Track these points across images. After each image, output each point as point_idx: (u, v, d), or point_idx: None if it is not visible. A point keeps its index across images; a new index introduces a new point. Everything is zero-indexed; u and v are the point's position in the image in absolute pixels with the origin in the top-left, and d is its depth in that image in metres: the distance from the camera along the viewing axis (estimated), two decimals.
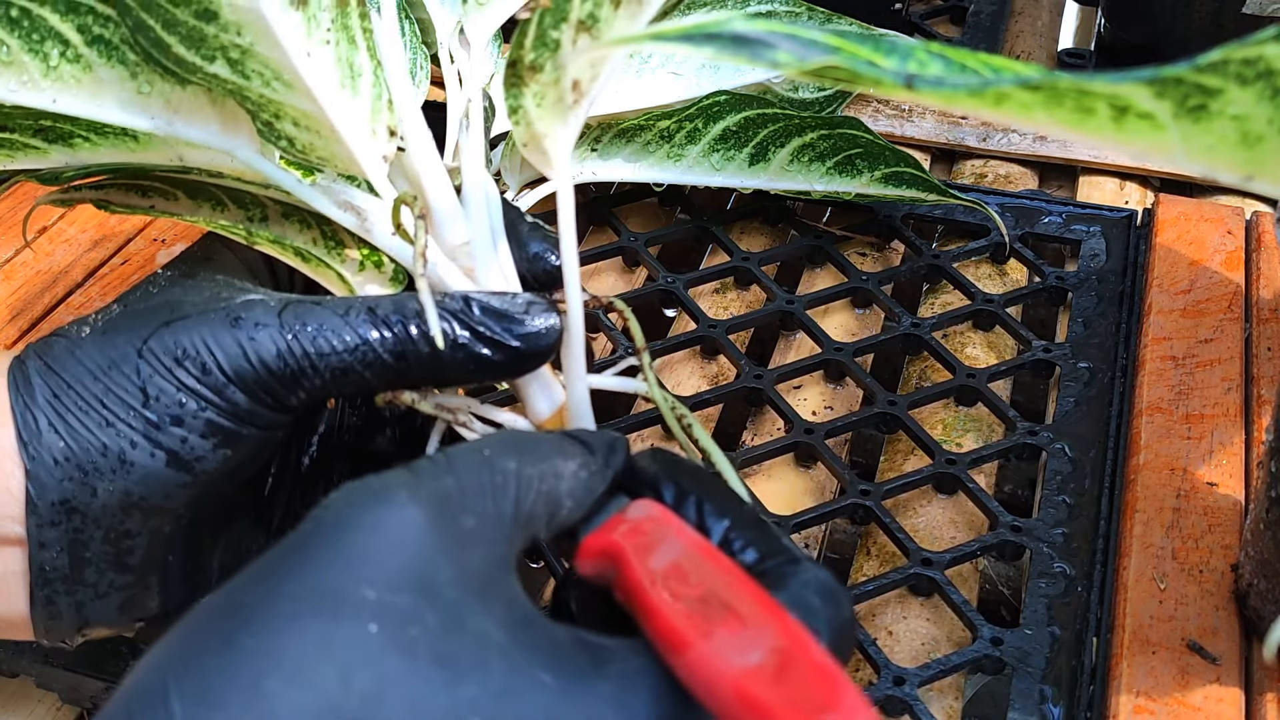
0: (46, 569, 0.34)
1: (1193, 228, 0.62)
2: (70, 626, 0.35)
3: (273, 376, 0.34)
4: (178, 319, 0.35)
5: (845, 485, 0.50)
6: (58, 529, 0.34)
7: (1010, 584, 0.51)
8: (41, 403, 0.34)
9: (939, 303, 0.62)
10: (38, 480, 0.33)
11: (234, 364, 0.34)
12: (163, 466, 0.34)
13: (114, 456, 0.34)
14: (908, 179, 0.61)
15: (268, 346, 0.34)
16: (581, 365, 0.37)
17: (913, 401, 0.54)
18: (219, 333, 0.34)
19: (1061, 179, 0.71)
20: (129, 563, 0.35)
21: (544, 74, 0.33)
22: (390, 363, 0.35)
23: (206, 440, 0.34)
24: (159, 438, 0.34)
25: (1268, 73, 0.22)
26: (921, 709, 0.42)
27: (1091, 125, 0.24)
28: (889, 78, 0.24)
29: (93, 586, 0.35)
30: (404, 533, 0.27)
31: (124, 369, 0.34)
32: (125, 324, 0.35)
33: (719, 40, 0.25)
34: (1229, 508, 0.48)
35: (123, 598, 0.36)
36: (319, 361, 0.34)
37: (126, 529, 0.34)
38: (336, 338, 0.34)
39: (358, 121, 0.37)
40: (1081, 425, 0.53)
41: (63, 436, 0.33)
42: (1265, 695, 0.42)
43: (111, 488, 0.34)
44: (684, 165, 0.61)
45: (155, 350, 0.34)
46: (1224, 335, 0.56)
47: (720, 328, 0.58)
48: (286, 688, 0.25)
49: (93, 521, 0.34)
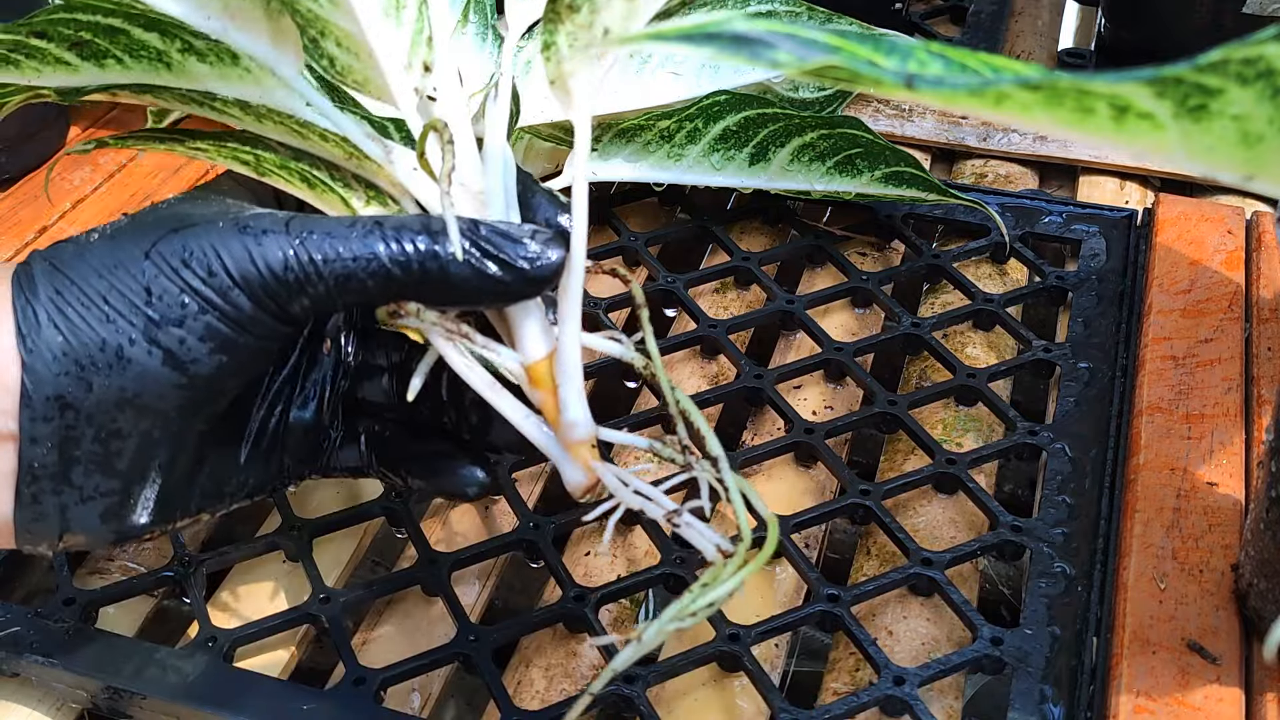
0: (35, 466, 0.35)
1: (1193, 228, 0.62)
2: (52, 531, 0.36)
3: (278, 281, 0.35)
4: (186, 226, 0.35)
5: (845, 485, 0.50)
6: (50, 424, 0.34)
7: (1010, 584, 0.51)
8: (44, 299, 0.34)
9: (939, 302, 0.62)
10: (34, 374, 0.34)
11: (240, 267, 0.34)
12: (159, 365, 0.34)
13: (111, 352, 0.34)
14: (908, 179, 0.61)
15: (274, 251, 0.35)
16: (577, 305, 0.36)
17: (913, 401, 0.54)
18: (227, 238, 0.35)
19: (1061, 179, 0.71)
20: (116, 466, 0.36)
21: (580, 16, 0.33)
22: (395, 274, 0.35)
23: (204, 344, 0.35)
24: (158, 336, 0.34)
25: (1268, 72, 0.22)
26: (921, 709, 0.42)
27: (1091, 125, 0.24)
28: (889, 78, 0.24)
29: (79, 489, 0.35)
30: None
31: (130, 269, 0.35)
32: (134, 230, 0.36)
33: (719, 40, 0.25)
34: (1229, 508, 0.48)
35: (106, 504, 0.36)
36: (324, 268, 0.35)
37: (118, 428, 0.35)
38: (344, 245, 0.35)
39: (396, 51, 0.39)
40: (1081, 425, 0.53)
41: (62, 331, 0.34)
42: (1265, 695, 0.42)
43: (107, 383, 0.34)
44: (684, 165, 0.61)
45: (163, 252, 0.35)
46: (1224, 335, 0.56)
47: (720, 327, 0.58)
48: None
49: (85, 418, 0.34)
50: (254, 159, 0.40)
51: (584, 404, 0.37)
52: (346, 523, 0.50)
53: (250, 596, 0.49)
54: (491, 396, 0.37)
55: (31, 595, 0.51)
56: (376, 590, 0.47)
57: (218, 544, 0.50)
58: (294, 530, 0.49)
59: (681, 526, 0.36)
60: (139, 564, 0.50)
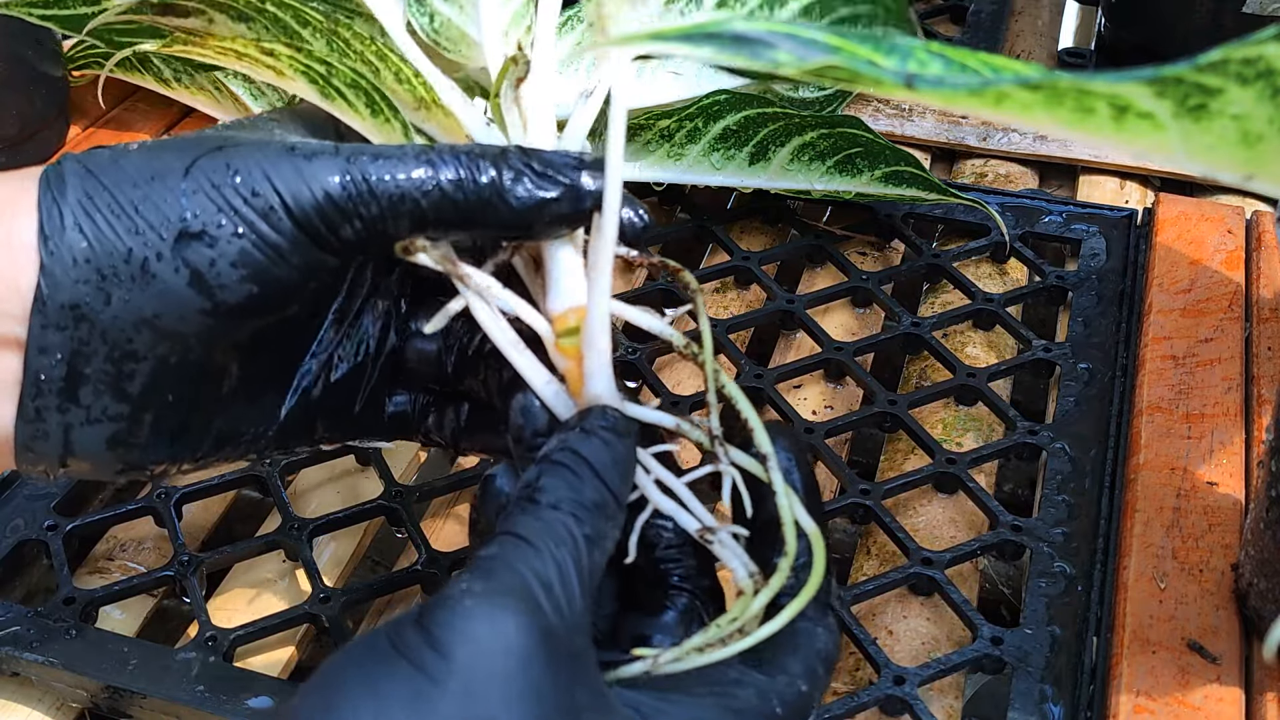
0: (42, 377, 0.33)
1: (1193, 227, 0.62)
2: (54, 452, 0.34)
3: (330, 201, 0.33)
4: (232, 145, 0.33)
5: (845, 484, 0.50)
6: (63, 334, 0.32)
7: (1010, 583, 0.51)
8: (72, 201, 0.32)
9: (939, 302, 0.62)
10: (52, 277, 0.32)
11: (290, 187, 0.33)
12: (184, 285, 0.33)
13: (136, 264, 0.32)
14: (908, 178, 0.61)
15: (326, 172, 0.33)
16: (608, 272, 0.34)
17: (913, 401, 0.54)
18: (275, 158, 0.33)
19: (1062, 178, 0.71)
20: (127, 389, 0.34)
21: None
22: (450, 193, 0.34)
23: (235, 270, 0.33)
24: (187, 254, 0.32)
25: (1268, 72, 0.22)
26: (921, 708, 0.42)
27: (1092, 125, 0.24)
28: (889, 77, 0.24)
29: (86, 409, 0.33)
30: (529, 654, 0.28)
31: (167, 181, 0.33)
32: (176, 145, 0.34)
33: (719, 40, 0.25)
34: (1229, 507, 0.48)
35: (113, 429, 0.34)
36: (378, 187, 0.33)
37: (133, 349, 0.33)
38: (398, 167, 0.33)
39: (499, 21, 0.40)
40: (1081, 425, 0.53)
41: (87, 236, 0.32)
42: (1265, 695, 0.42)
43: (127, 298, 0.32)
44: (684, 164, 0.60)
45: (204, 169, 0.33)
46: (1224, 335, 0.56)
47: (720, 327, 0.58)
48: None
49: (100, 334, 0.32)
50: (325, 73, 0.38)
51: (610, 378, 0.35)
52: (346, 523, 0.50)
53: (250, 596, 0.49)
54: (513, 355, 0.35)
55: (31, 595, 0.51)
56: (376, 590, 0.47)
57: (218, 544, 0.50)
58: (294, 530, 0.49)
59: (715, 545, 0.33)
60: (139, 564, 0.50)
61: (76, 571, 0.49)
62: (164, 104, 0.74)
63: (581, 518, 0.31)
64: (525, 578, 0.29)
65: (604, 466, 0.32)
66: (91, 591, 0.47)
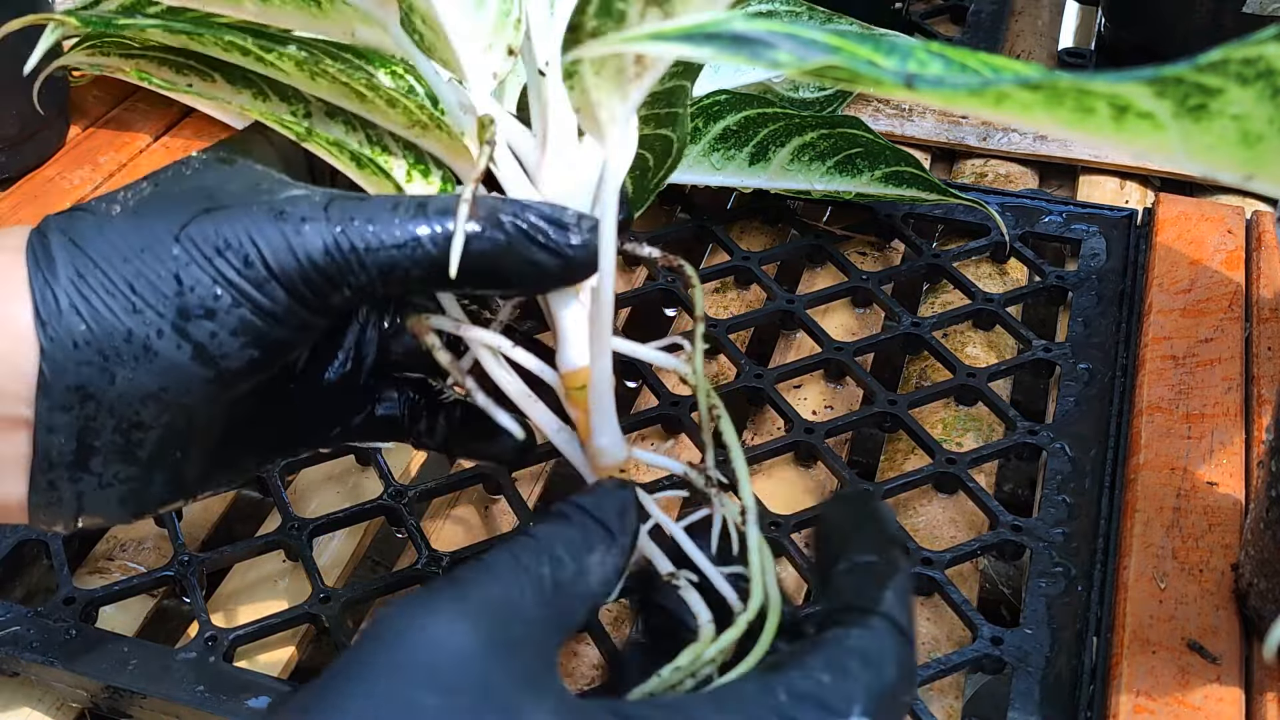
0: (52, 454, 0.33)
1: (1193, 227, 0.62)
2: (68, 514, 0.34)
3: (318, 272, 0.33)
4: (218, 208, 0.33)
5: (845, 484, 0.50)
6: (69, 414, 0.32)
7: (1010, 583, 0.51)
8: (64, 281, 0.32)
9: (939, 302, 0.62)
10: (54, 362, 0.32)
11: (279, 258, 0.32)
12: (188, 360, 0.33)
13: (138, 344, 0.32)
14: (908, 178, 0.61)
15: (314, 241, 0.33)
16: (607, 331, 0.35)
17: (913, 401, 0.54)
18: (263, 225, 0.33)
19: (1061, 178, 0.71)
20: (138, 455, 0.34)
21: (605, 39, 0.30)
22: (440, 259, 0.33)
23: (236, 338, 0.33)
24: (188, 329, 0.32)
25: (1268, 72, 0.22)
26: (921, 708, 0.42)
27: (1092, 125, 0.24)
28: (889, 78, 0.24)
29: (97, 476, 0.34)
30: (459, 641, 0.28)
31: (158, 253, 0.32)
32: (160, 206, 0.33)
33: (719, 40, 0.25)
34: (1229, 507, 0.48)
35: (125, 490, 0.34)
36: (366, 257, 0.33)
37: (140, 420, 0.33)
38: (386, 232, 0.33)
39: (475, 34, 0.37)
40: (1081, 425, 0.53)
41: (85, 319, 0.32)
42: (1265, 695, 0.42)
43: (131, 376, 0.32)
44: (684, 164, 0.60)
45: (194, 238, 0.33)
46: (1224, 335, 0.56)
47: (720, 327, 0.58)
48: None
49: (106, 409, 0.33)
50: (304, 131, 0.37)
51: (615, 429, 0.36)
52: (346, 523, 0.50)
53: (250, 596, 0.49)
54: (527, 406, 0.36)
55: (31, 595, 0.51)
56: (376, 590, 0.47)
57: (218, 544, 0.50)
58: (294, 530, 0.49)
59: (681, 589, 0.34)
60: (139, 564, 0.50)
61: (76, 571, 0.49)
62: (164, 104, 0.74)
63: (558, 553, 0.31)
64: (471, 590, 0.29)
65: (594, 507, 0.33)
66: (91, 591, 0.47)
